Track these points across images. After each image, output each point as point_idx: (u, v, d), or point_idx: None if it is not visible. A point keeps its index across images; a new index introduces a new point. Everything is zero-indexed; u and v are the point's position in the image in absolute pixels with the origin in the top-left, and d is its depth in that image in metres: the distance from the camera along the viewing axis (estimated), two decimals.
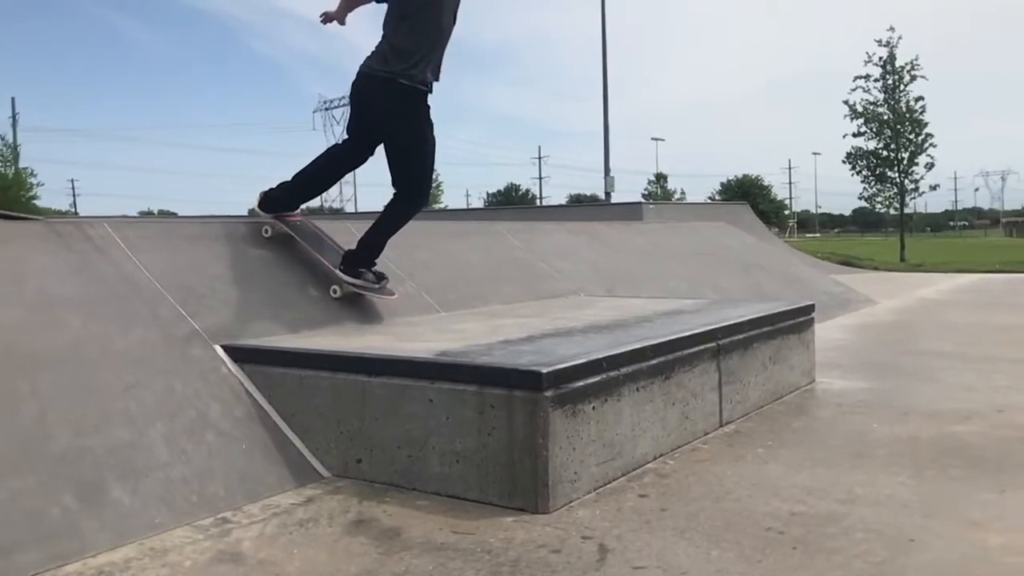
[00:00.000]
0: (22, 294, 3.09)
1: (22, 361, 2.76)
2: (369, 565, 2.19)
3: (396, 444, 2.88)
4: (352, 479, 2.94)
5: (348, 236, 4.37)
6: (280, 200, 4.17)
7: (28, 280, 3.18)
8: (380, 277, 4.04)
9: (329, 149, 4.17)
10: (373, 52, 3.82)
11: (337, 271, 3.98)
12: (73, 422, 2.64)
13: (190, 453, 2.78)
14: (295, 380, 3.14)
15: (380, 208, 4.12)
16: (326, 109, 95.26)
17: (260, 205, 4.19)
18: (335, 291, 3.95)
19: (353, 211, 63.80)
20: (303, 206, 4.36)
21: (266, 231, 4.15)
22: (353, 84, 3.87)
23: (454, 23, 3.88)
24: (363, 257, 4.03)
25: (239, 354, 3.32)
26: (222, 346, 3.34)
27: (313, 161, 4.13)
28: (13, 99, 58.96)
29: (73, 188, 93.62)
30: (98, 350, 3.00)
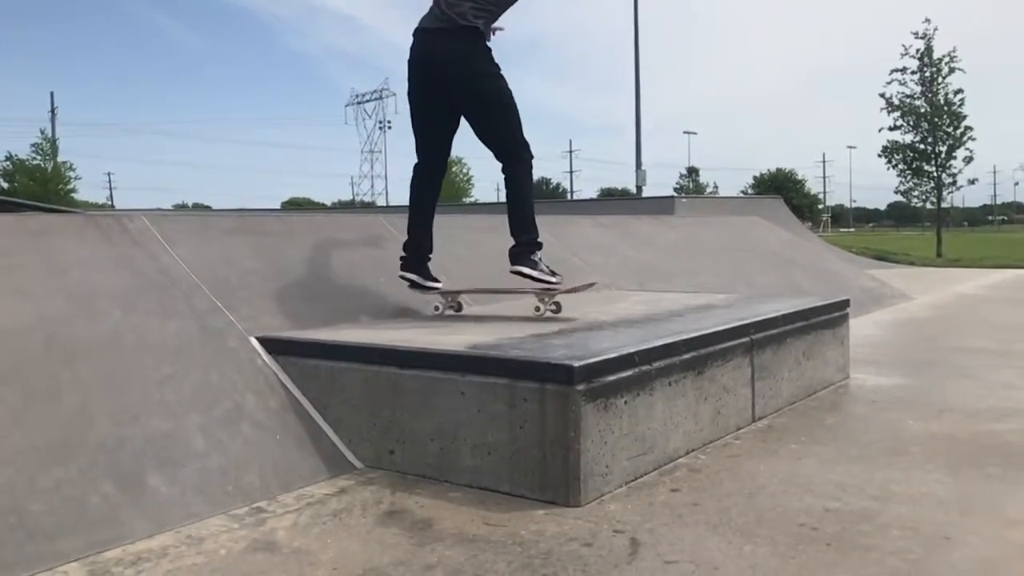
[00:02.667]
0: (63, 286, 3.16)
1: (63, 351, 2.82)
2: (401, 556, 2.21)
3: (428, 436, 2.89)
4: (385, 470, 2.97)
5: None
6: (408, 253, 4.01)
7: (69, 272, 3.25)
8: (553, 273, 3.79)
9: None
10: (471, 7, 3.64)
11: (513, 269, 3.77)
12: (113, 412, 2.69)
13: (226, 443, 2.82)
14: (328, 372, 3.17)
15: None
16: (358, 103, 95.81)
17: (402, 268, 4.02)
18: (538, 309, 3.74)
19: (384, 204, 64.14)
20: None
21: (437, 308, 4.02)
22: (442, 41, 3.66)
23: None
24: (529, 246, 3.79)
25: (274, 346, 3.36)
26: (257, 338, 3.39)
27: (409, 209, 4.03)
28: (52, 94, 60.03)
29: (110, 182, 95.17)
30: (136, 341, 3.05)
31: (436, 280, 4.03)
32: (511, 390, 2.73)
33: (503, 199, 4.01)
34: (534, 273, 3.73)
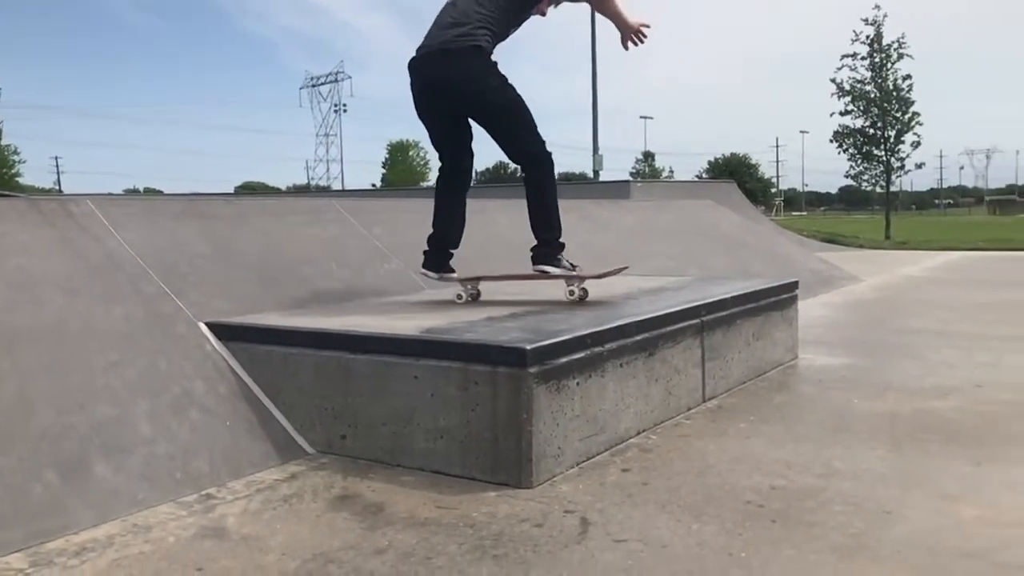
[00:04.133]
0: (2, 272, 3.07)
1: (2, 339, 2.75)
2: (352, 540, 2.21)
3: (381, 421, 2.89)
4: (337, 455, 2.95)
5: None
6: (432, 255, 3.98)
7: (8, 257, 3.17)
8: (573, 266, 3.85)
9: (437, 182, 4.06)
10: (473, 26, 3.63)
11: (537, 269, 3.82)
12: (56, 399, 2.63)
13: (174, 430, 2.78)
14: (279, 357, 3.14)
15: (367, 186, 4.06)
16: (313, 86, 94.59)
17: (423, 265, 4.00)
18: (572, 292, 3.74)
19: (340, 188, 63.54)
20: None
21: (459, 297, 3.92)
22: (451, 64, 3.65)
23: None
24: (551, 246, 3.83)
25: (224, 331, 3.31)
26: (206, 323, 3.34)
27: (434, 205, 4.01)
28: None
29: (57, 166, 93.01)
30: (81, 327, 2.99)
31: (451, 271, 4.00)
32: (464, 373, 2.73)
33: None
34: (557, 271, 3.78)
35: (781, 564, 2.01)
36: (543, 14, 3.96)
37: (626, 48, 3.93)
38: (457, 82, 3.68)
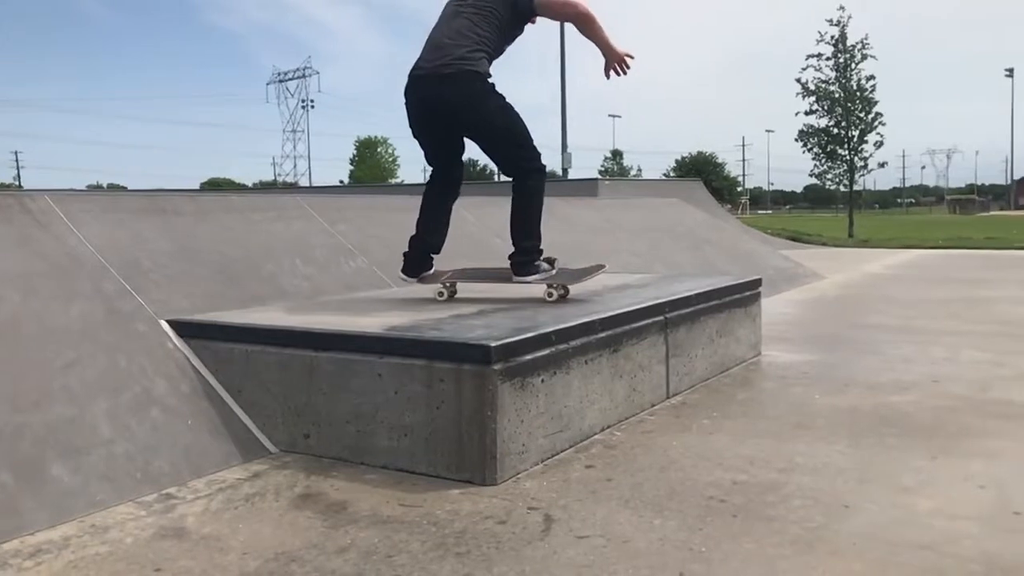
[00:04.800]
0: None
1: None
2: (314, 538, 2.20)
3: (344, 419, 2.87)
4: (300, 454, 2.93)
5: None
6: (413, 258, 3.95)
7: None
8: (551, 262, 3.86)
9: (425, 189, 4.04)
10: (470, 48, 3.63)
11: (517, 280, 3.80)
12: (10, 399, 2.58)
13: (134, 429, 2.74)
14: (242, 355, 3.11)
15: (335, 182, 4.04)
16: (280, 81, 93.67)
17: (402, 270, 3.98)
18: (551, 295, 3.68)
19: (308, 185, 63.03)
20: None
21: (440, 294, 3.89)
22: (449, 90, 3.63)
23: None
24: (530, 254, 3.82)
25: (185, 329, 3.28)
26: (168, 321, 3.30)
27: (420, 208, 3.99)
28: None
29: (17, 160, 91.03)
30: (37, 326, 2.94)
31: (429, 271, 3.98)
32: (428, 371, 2.73)
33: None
34: (537, 278, 3.77)
35: (741, 558, 2.04)
36: (532, 22, 3.96)
37: (607, 77, 3.90)
38: (456, 109, 3.68)
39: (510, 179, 3.89)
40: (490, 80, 3.72)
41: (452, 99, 3.65)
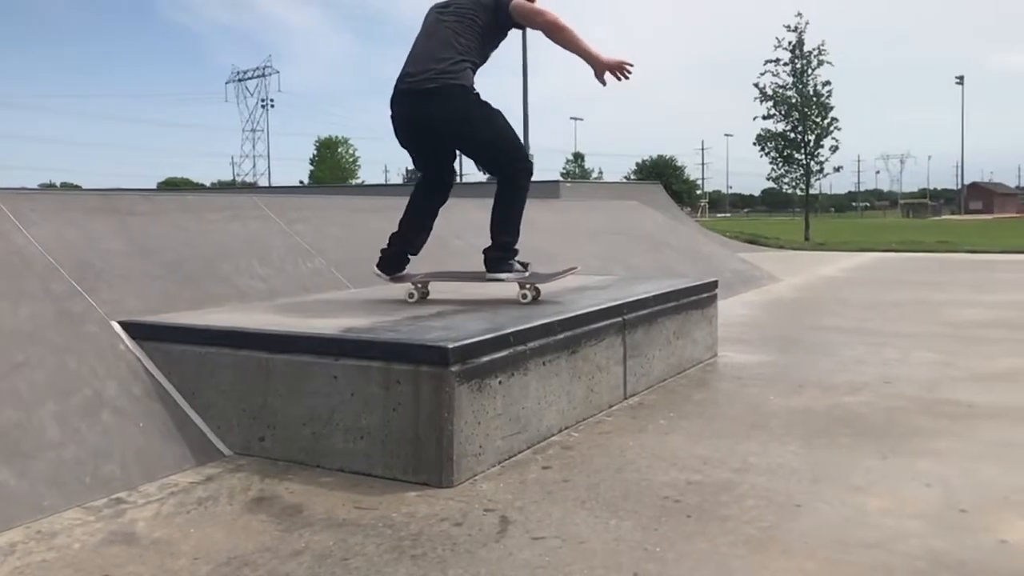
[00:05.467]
0: None
1: None
2: (268, 542, 2.17)
3: (300, 421, 2.84)
4: (255, 457, 2.90)
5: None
6: (391, 256, 3.93)
7: None
8: (524, 266, 3.87)
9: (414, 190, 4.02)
10: (452, 60, 3.62)
11: (490, 277, 3.80)
12: None
13: (84, 433, 2.69)
14: (196, 357, 3.07)
15: (294, 182, 4.01)
16: (239, 80, 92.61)
17: (377, 265, 3.94)
18: (525, 296, 3.68)
19: (267, 185, 62.32)
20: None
21: (411, 296, 3.84)
22: (435, 105, 3.62)
23: None
24: (506, 251, 3.83)
25: (138, 331, 3.22)
26: (120, 322, 3.24)
27: (406, 207, 3.97)
28: None
29: None
30: None
31: (401, 272, 3.96)
32: (385, 373, 2.72)
33: (392, 181, 4.00)
34: (510, 276, 3.77)
35: (695, 558, 2.05)
36: (517, 27, 3.94)
37: (603, 83, 3.84)
38: (443, 124, 3.68)
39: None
40: (475, 92, 3.71)
41: (437, 115, 3.65)
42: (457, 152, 3.96)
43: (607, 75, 3.81)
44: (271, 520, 2.33)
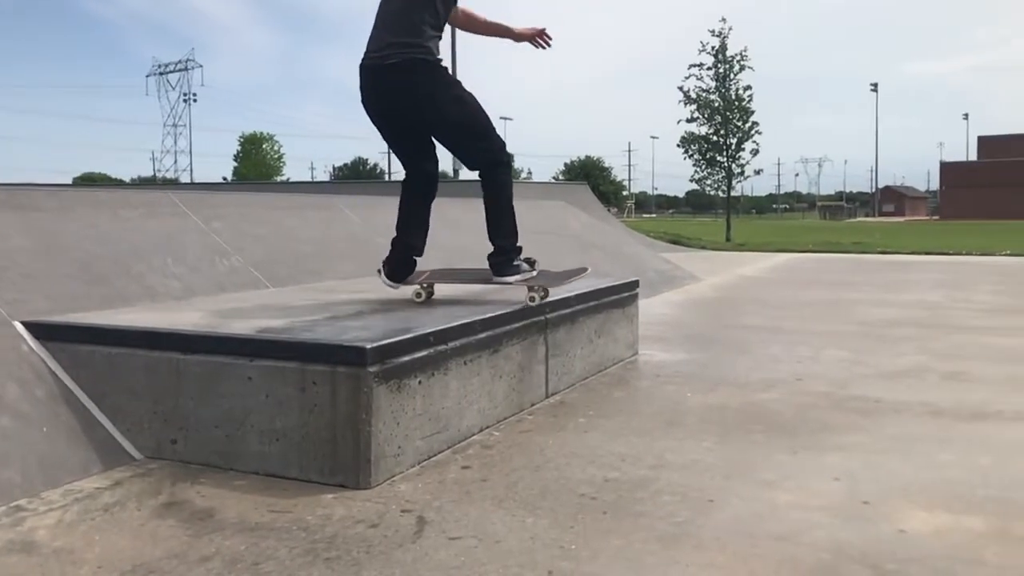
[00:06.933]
0: None
1: None
2: (176, 548, 2.11)
3: (213, 423, 2.78)
4: (167, 460, 2.82)
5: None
6: (398, 264, 3.78)
7: None
8: (531, 263, 3.79)
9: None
10: (409, 31, 3.46)
11: (497, 281, 3.71)
12: None
13: None
14: (104, 358, 2.96)
15: (218, 179, 3.89)
16: (160, 73, 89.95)
17: (387, 275, 3.78)
18: (533, 299, 3.58)
19: (189, 181, 60.70)
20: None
21: (418, 295, 3.74)
22: (398, 85, 3.49)
23: None
24: (508, 253, 3.75)
25: (42, 331, 3.09)
26: (23, 323, 3.11)
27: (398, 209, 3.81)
28: None
29: None
30: None
31: (411, 275, 3.84)
32: (301, 374, 2.67)
33: (318, 178, 3.91)
34: (518, 279, 3.69)
35: (609, 554, 2.08)
36: None
37: (540, 47, 3.98)
38: (407, 103, 3.52)
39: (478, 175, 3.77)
40: (440, 63, 3.58)
41: (401, 90, 3.50)
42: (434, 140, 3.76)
43: (529, 45, 3.91)
44: (180, 525, 2.26)
